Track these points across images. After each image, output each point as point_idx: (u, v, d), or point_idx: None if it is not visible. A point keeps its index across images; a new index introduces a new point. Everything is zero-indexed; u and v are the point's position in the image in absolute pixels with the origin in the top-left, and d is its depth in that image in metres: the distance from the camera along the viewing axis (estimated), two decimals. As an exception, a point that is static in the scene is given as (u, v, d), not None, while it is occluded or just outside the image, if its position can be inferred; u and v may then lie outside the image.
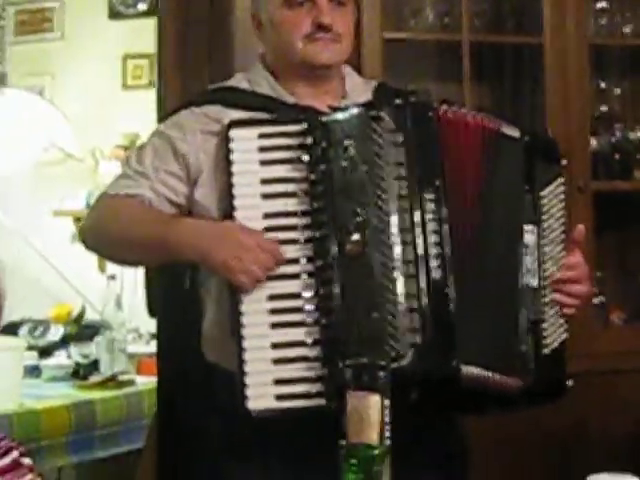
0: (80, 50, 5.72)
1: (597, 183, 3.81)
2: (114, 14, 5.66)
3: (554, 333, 2.60)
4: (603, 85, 4.04)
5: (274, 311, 2.41)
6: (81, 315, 5.02)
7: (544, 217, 2.62)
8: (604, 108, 4.03)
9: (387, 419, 1.47)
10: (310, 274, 2.45)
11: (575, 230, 2.62)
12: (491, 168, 2.60)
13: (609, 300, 4.01)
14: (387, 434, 1.47)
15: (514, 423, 3.18)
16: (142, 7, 5.55)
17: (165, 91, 3.69)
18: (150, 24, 4.32)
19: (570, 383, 2.58)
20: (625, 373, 3.58)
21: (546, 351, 2.55)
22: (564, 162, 2.72)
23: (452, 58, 3.78)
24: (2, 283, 2.07)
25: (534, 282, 2.58)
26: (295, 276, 2.44)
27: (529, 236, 2.59)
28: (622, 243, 4.13)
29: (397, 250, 2.46)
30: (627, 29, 3.98)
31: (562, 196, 2.65)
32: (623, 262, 4.16)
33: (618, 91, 4.09)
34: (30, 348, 4.66)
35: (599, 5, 3.96)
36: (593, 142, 3.88)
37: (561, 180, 2.66)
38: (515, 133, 2.62)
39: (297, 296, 2.43)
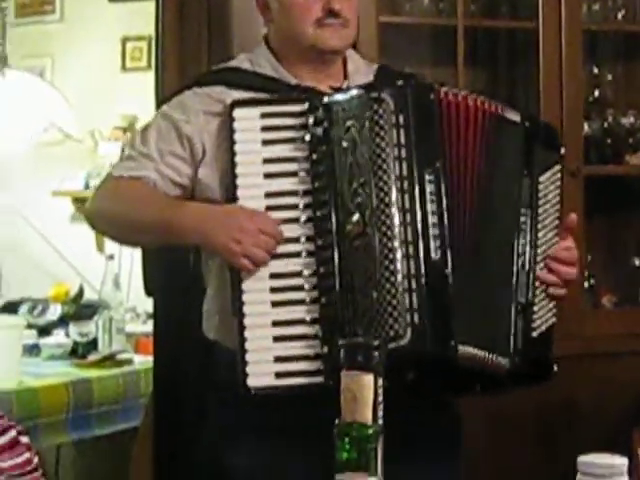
0: (80, 32, 5.73)
1: (589, 167, 3.81)
2: None
3: (543, 317, 2.60)
4: (596, 70, 4.03)
5: (275, 289, 2.41)
6: (80, 294, 5.03)
7: (540, 202, 2.63)
8: (597, 93, 4.03)
9: (381, 398, 1.44)
10: (310, 253, 2.45)
11: (568, 217, 2.63)
12: (491, 151, 2.59)
13: (600, 283, 4.02)
14: (380, 413, 1.44)
15: (505, 404, 3.18)
16: None
17: (163, 73, 3.66)
18: (149, 6, 4.18)
19: (555, 368, 2.60)
20: (615, 355, 3.59)
21: (534, 334, 2.56)
22: (563, 150, 2.75)
23: (447, 42, 3.77)
24: None
25: (527, 265, 2.57)
26: (296, 255, 2.45)
27: (525, 219, 2.59)
28: (613, 227, 4.12)
29: (397, 230, 2.46)
30: (620, 15, 3.98)
31: (558, 183, 2.66)
32: (614, 246, 4.16)
33: (610, 77, 4.08)
34: (29, 327, 4.66)
35: None
36: (585, 127, 3.89)
37: (558, 167, 2.68)
38: (516, 117, 2.63)
39: (298, 275, 2.43)
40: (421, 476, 2.28)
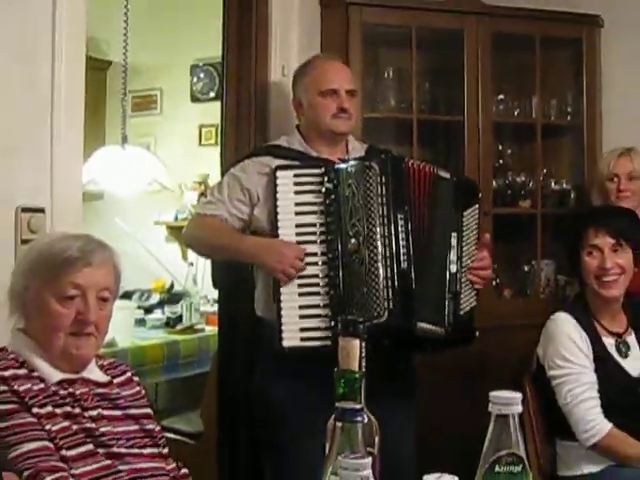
0: (172, 121, 6.59)
1: (496, 209, 4.34)
2: (194, 99, 6.53)
3: (467, 302, 3.15)
4: (500, 147, 4.60)
5: (300, 285, 2.96)
6: (171, 287, 6.13)
7: (464, 228, 3.15)
8: (501, 161, 4.59)
9: (364, 355, 1.53)
10: (324, 263, 2.99)
11: (483, 237, 3.23)
12: (433, 198, 3.12)
13: (502, 282, 4.56)
14: (363, 364, 1.52)
15: (443, 360, 3.58)
16: (212, 94, 6.28)
17: (225, 148, 4.11)
18: (217, 105, 4.66)
19: (477, 334, 3.16)
20: (511, 327, 4.06)
21: (461, 313, 3.10)
22: (480, 195, 3.36)
23: (406, 130, 4.27)
24: (120, 267, 2.26)
25: (455, 268, 3.09)
26: (314, 264, 2.98)
27: (454, 240, 3.11)
28: (511, 247, 4.63)
29: (380, 250, 3.00)
30: (516, 112, 4.57)
31: (477, 216, 3.23)
32: (511, 258, 4.66)
33: (509, 151, 4.65)
34: (139, 307, 5.77)
35: (499, 97, 4.48)
36: (494, 183, 4.42)
37: (477, 205, 3.25)
38: (447, 175, 3.20)
39: (315, 276, 2.98)
40: (392, 405, 2.53)
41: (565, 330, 3.14)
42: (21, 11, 2.81)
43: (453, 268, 3.10)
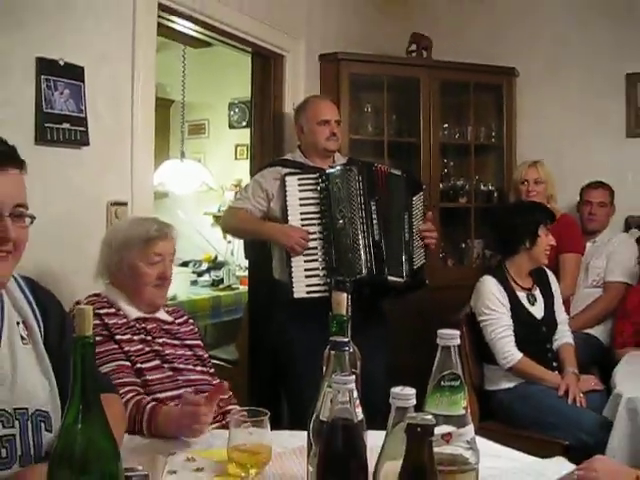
0: (217, 142, 6.53)
1: (442, 203, 4.41)
2: (231, 126, 6.44)
3: (418, 259, 3.18)
4: (445, 161, 4.57)
5: (305, 254, 2.99)
6: (215, 258, 6.06)
7: (413, 209, 3.18)
8: (446, 170, 4.58)
9: (350, 303, 1.46)
10: (320, 239, 3.01)
11: (427, 214, 3.25)
12: (391, 188, 3.14)
13: (446, 255, 4.58)
14: (349, 310, 1.45)
15: (405, 310, 3.69)
16: (244, 123, 6.17)
17: (253, 161, 4.13)
18: (247, 131, 4.71)
19: (427, 282, 3.24)
20: (452, 287, 3.88)
21: (414, 267, 3.14)
22: (424, 186, 3.40)
23: (380, 148, 4.30)
24: (176, 245, 2.25)
25: (408, 236, 3.13)
26: (314, 240, 3.00)
27: (406, 217, 3.14)
28: (453, 230, 4.58)
29: (359, 227, 3.02)
30: (456, 136, 4.55)
31: (421, 200, 3.25)
32: (453, 238, 4.62)
33: (452, 163, 4.62)
34: (193, 272, 5.77)
35: (444, 125, 4.44)
36: (440, 185, 4.44)
37: (421, 194, 3.26)
38: (399, 172, 3.24)
39: (315, 248, 3.00)
40: (369, 340, 2.12)
41: (489, 288, 3.16)
42: (111, 66, 2.83)
43: (407, 237, 3.12)
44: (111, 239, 2.23)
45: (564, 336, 3.25)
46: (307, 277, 2.97)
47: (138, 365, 1.99)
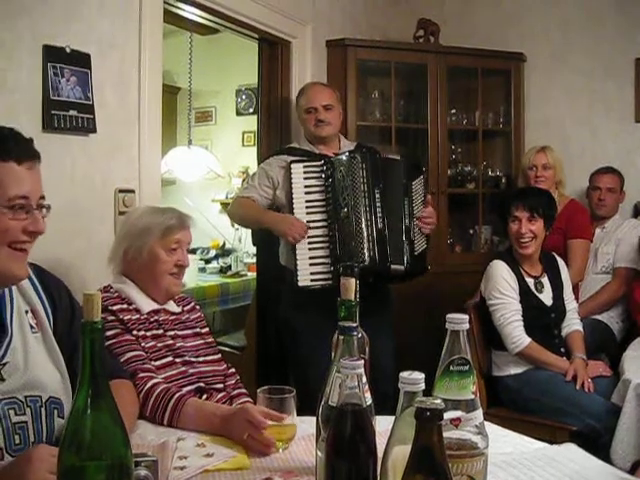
0: (224, 129, 6.59)
1: (450, 189, 4.37)
2: (238, 113, 6.49)
3: (419, 245, 3.16)
4: (453, 147, 4.53)
5: (310, 242, 2.99)
6: (223, 245, 6.14)
7: (413, 193, 3.15)
8: (453, 156, 4.54)
9: (357, 289, 1.46)
10: (326, 226, 3.02)
11: (427, 198, 3.20)
12: (392, 175, 3.13)
13: (454, 241, 4.55)
14: (358, 295, 1.45)
15: (413, 295, 3.75)
16: (251, 110, 6.22)
17: (260, 148, 4.12)
18: (254, 118, 4.77)
19: (429, 268, 3.19)
20: (460, 273, 3.99)
21: (416, 253, 3.13)
22: (424, 169, 3.37)
23: (387, 134, 4.29)
24: (192, 235, 2.28)
25: (408, 221, 3.11)
26: (319, 227, 3.02)
27: (407, 202, 3.12)
28: (461, 216, 4.58)
29: (363, 215, 3.02)
30: (464, 122, 4.52)
31: (422, 184, 3.21)
32: (461, 224, 4.62)
33: (459, 149, 4.60)
34: (201, 259, 5.83)
35: (452, 111, 4.42)
36: (449, 171, 4.40)
37: (421, 177, 3.22)
38: (397, 157, 3.31)
39: (319, 236, 3.01)
40: (378, 325, 2.28)
41: (499, 272, 3.16)
42: (118, 54, 2.83)
43: (407, 222, 3.11)
44: (130, 226, 2.22)
45: (573, 324, 3.25)
46: (311, 265, 2.97)
47: (152, 363, 2.00)
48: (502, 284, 3.12)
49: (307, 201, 3.00)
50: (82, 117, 2.60)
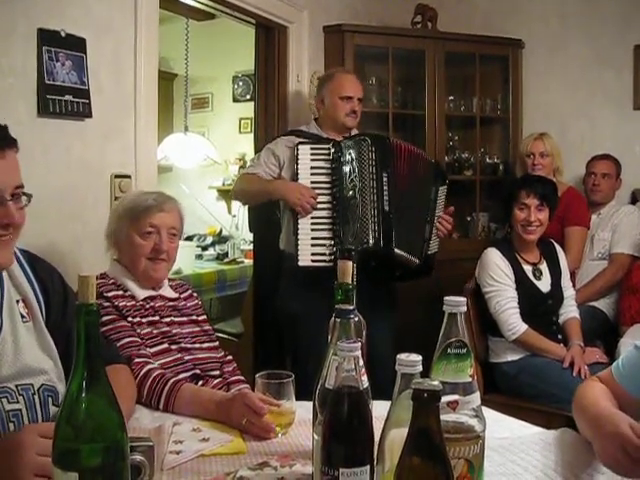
0: (220, 115, 6.55)
1: (449, 176, 3.97)
2: (235, 100, 6.47)
3: (433, 247, 3.20)
4: (450, 133, 4.54)
5: (313, 223, 2.98)
6: (220, 232, 6.11)
7: (438, 199, 3.20)
8: (451, 143, 4.56)
9: (355, 272, 1.47)
10: (329, 208, 2.99)
11: (448, 208, 3.23)
12: (416, 169, 3.13)
13: (452, 228, 4.04)
14: (355, 279, 1.46)
15: (413, 283, 3.46)
16: (247, 96, 6.25)
17: (257, 134, 4.15)
18: (251, 104, 4.86)
19: (432, 272, 3.22)
20: (458, 259, 3.95)
21: (429, 252, 3.17)
22: (447, 180, 3.30)
23: (384, 120, 4.28)
24: (183, 213, 2.23)
25: (429, 222, 3.16)
26: (324, 209, 2.99)
27: (432, 205, 3.18)
28: (458, 203, 3.78)
29: (369, 197, 3.01)
30: (462, 108, 4.53)
31: (445, 192, 3.25)
32: (458, 211, 3.92)
33: (457, 136, 4.61)
34: (197, 246, 5.76)
35: (450, 97, 4.43)
36: (446, 158, 4.40)
37: (445, 186, 3.26)
38: (429, 158, 3.27)
39: (323, 217, 2.99)
40: (378, 313, 2.44)
41: (492, 259, 3.16)
42: (114, 39, 2.82)
43: (428, 220, 3.14)
44: (114, 210, 2.23)
45: (570, 311, 3.26)
46: (313, 246, 2.96)
47: (147, 350, 1.99)
48: (496, 271, 3.13)
49: (313, 182, 3.00)
50: (78, 102, 2.60)
